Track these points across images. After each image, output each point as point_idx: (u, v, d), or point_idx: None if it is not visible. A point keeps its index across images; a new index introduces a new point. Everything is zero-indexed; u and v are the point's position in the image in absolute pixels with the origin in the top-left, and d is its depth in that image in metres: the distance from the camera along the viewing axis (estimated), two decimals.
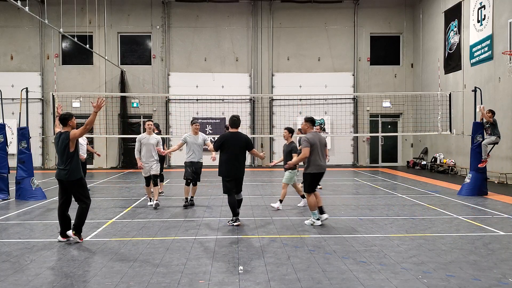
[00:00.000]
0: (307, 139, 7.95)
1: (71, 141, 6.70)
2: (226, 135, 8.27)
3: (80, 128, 6.71)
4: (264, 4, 22.73)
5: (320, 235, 7.27)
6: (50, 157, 22.53)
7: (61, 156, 6.78)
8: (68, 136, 6.70)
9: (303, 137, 8.10)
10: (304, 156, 7.91)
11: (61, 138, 6.77)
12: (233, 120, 8.32)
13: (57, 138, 6.89)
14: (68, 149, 6.71)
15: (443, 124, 15.42)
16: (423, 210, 9.66)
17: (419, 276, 5.20)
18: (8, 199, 11.35)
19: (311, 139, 7.98)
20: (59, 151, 6.81)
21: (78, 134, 6.71)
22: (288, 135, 9.85)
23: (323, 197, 11.74)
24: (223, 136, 8.25)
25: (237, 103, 21.73)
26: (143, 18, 22.60)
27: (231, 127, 8.35)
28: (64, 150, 6.72)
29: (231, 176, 8.12)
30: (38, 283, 5.03)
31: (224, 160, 8.11)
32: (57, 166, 6.91)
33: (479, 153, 11.75)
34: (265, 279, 5.14)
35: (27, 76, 21.94)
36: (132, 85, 22.52)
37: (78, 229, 6.82)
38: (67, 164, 6.70)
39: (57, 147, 6.86)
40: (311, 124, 8.18)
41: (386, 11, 23.03)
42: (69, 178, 6.70)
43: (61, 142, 6.75)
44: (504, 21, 14.63)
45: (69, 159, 6.71)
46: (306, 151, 7.88)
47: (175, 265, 5.68)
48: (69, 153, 6.72)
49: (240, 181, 8.27)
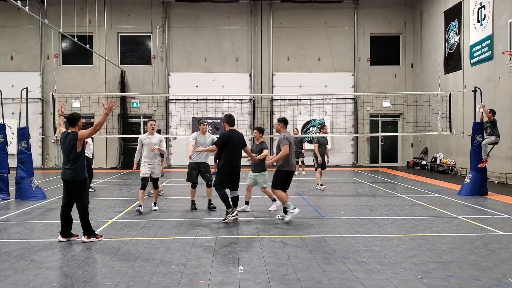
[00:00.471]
0: (286, 138, 8.27)
1: (79, 141, 6.73)
2: (228, 133, 8.31)
3: (89, 129, 6.78)
4: (264, 4, 22.73)
5: (320, 235, 7.27)
6: (50, 157, 22.55)
7: (67, 156, 6.80)
8: (76, 136, 6.73)
9: (282, 136, 8.34)
10: (284, 153, 8.16)
11: (68, 138, 6.80)
12: (231, 118, 8.45)
13: (63, 137, 6.90)
14: (75, 149, 6.74)
15: (443, 124, 15.42)
16: (423, 210, 9.66)
17: (419, 276, 5.20)
18: (8, 199, 11.35)
19: (290, 138, 8.35)
20: (65, 151, 6.84)
21: (87, 135, 6.77)
22: (258, 135, 9.56)
23: (323, 197, 11.75)
24: (226, 135, 8.28)
25: (237, 103, 21.72)
26: (143, 18, 22.61)
27: (229, 125, 8.42)
28: (71, 150, 6.75)
29: (234, 174, 8.27)
30: (38, 283, 5.03)
31: (229, 158, 8.18)
32: (63, 166, 6.93)
33: (479, 153, 11.75)
34: (265, 279, 5.14)
35: (27, 76, 21.94)
36: (132, 85, 22.53)
37: (89, 231, 6.88)
38: (73, 164, 6.74)
39: (63, 146, 6.87)
40: (283, 124, 8.53)
41: (386, 11, 23.04)
42: (74, 178, 6.74)
43: (68, 142, 6.77)
44: (504, 21, 14.63)
45: (76, 159, 6.75)
46: (287, 149, 8.17)
47: (175, 265, 5.68)
48: (76, 153, 6.76)
49: (238, 178, 8.45)
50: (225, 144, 8.20)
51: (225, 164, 8.20)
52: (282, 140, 8.28)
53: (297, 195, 11.89)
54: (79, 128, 6.91)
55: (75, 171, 6.73)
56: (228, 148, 8.19)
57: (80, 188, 6.83)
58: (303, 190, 13.17)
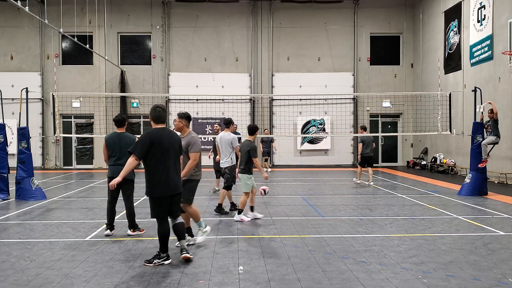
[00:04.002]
0: (199, 142, 6.75)
1: None
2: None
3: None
4: (264, 4, 22.73)
5: (320, 235, 7.27)
6: (50, 157, 22.53)
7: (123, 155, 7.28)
8: (134, 139, 7.41)
9: (195, 138, 6.63)
10: (196, 162, 6.52)
11: (124, 137, 7.50)
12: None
13: (118, 137, 7.48)
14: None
15: (443, 124, 15.42)
16: (423, 210, 9.66)
17: (419, 276, 5.20)
18: (8, 199, 11.35)
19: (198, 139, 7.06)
20: (122, 150, 7.34)
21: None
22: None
23: (324, 197, 11.75)
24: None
25: (237, 103, 21.73)
26: (143, 18, 22.60)
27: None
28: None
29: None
30: (38, 283, 5.03)
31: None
32: (118, 163, 7.28)
33: (479, 153, 11.74)
34: (265, 279, 5.14)
35: (27, 76, 21.94)
36: (132, 85, 22.53)
37: (134, 225, 7.53)
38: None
39: (119, 146, 7.39)
40: (187, 121, 6.86)
41: (386, 11, 23.03)
42: (129, 176, 7.11)
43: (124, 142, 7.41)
44: (504, 21, 14.63)
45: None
46: (198, 156, 6.62)
47: (175, 265, 5.68)
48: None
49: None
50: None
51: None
52: (195, 144, 6.51)
53: (297, 195, 11.89)
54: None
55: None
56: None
57: (130, 186, 7.59)
58: (303, 190, 13.17)
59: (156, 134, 5.67)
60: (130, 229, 7.48)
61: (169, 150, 5.70)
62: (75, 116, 22.48)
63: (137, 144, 5.64)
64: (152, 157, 5.61)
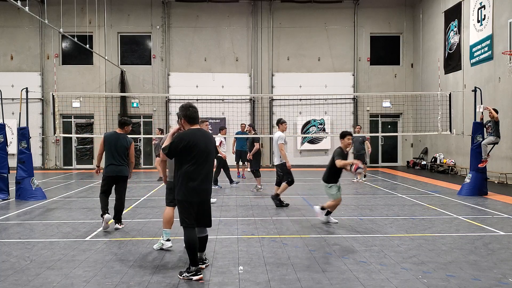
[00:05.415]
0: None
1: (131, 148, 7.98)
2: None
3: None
4: (264, 4, 22.73)
5: (320, 235, 7.27)
6: (50, 157, 22.54)
7: (121, 154, 7.77)
8: (132, 142, 8.05)
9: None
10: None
11: (121, 138, 7.80)
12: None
13: (115, 137, 7.80)
14: (128, 151, 7.94)
15: (443, 124, 15.41)
16: (423, 210, 9.66)
17: (419, 276, 5.20)
18: (8, 199, 11.35)
19: None
20: (119, 150, 7.72)
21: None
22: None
23: (324, 197, 11.73)
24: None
25: (237, 103, 21.72)
26: (143, 18, 22.60)
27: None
28: (125, 150, 7.84)
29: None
30: (38, 283, 5.03)
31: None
32: (114, 163, 7.69)
33: (479, 153, 11.74)
34: (265, 279, 5.14)
35: (27, 76, 21.93)
36: (132, 85, 22.53)
37: (119, 218, 7.89)
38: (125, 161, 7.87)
39: (114, 145, 7.71)
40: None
41: (386, 11, 23.03)
42: (124, 174, 7.78)
43: (120, 143, 7.77)
44: (504, 21, 14.63)
45: (126, 157, 7.91)
46: None
47: (175, 265, 5.68)
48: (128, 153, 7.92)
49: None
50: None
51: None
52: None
53: (297, 195, 11.89)
54: (126, 132, 8.05)
55: (125, 168, 7.95)
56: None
57: (124, 183, 7.97)
58: (303, 190, 13.17)
59: (191, 136, 5.24)
60: (117, 223, 7.85)
61: (204, 152, 5.28)
62: (75, 116, 22.49)
63: (171, 144, 5.22)
64: (184, 158, 5.20)
